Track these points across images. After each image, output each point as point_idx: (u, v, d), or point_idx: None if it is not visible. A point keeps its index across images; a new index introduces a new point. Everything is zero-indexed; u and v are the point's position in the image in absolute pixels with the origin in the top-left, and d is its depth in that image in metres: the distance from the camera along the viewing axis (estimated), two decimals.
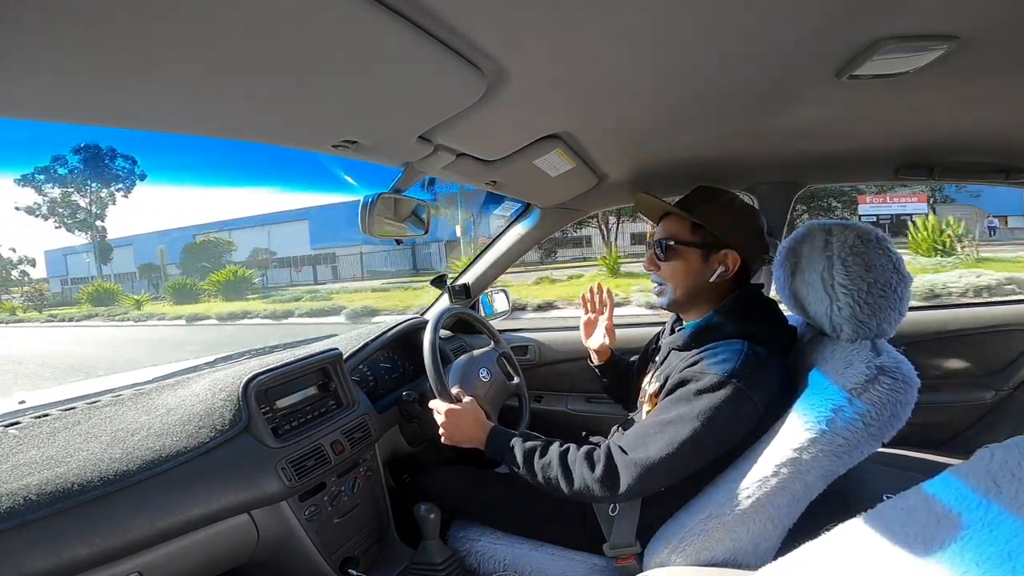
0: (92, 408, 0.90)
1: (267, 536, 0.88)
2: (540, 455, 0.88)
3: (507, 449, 0.91)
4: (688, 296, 0.93)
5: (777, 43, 0.61)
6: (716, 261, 0.90)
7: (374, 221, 0.94)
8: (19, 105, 0.54)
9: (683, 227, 0.93)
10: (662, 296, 0.97)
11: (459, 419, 0.99)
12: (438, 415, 1.02)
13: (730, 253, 0.90)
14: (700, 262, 0.91)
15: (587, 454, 0.85)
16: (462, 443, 0.99)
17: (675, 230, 0.94)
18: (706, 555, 0.80)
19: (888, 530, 0.49)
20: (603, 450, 0.84)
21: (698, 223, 0.91)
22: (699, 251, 0.91)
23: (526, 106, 0.76)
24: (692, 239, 0.92)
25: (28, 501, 0.64)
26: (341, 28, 0.47)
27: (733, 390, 0.77)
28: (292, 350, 1.22)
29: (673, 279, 0.94)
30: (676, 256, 0.93)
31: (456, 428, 0.99)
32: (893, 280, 0.76)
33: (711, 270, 0.91)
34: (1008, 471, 0.44)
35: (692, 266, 0.92)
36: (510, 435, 0.93)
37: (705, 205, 0.92)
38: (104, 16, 0.40)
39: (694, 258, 0.92)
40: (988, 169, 1.18)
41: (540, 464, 0.87)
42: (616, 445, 0.84)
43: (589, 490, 0.82)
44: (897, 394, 0.71)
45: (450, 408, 1.00)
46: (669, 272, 0.94)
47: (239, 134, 0.71)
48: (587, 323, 1.22)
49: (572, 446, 0.88)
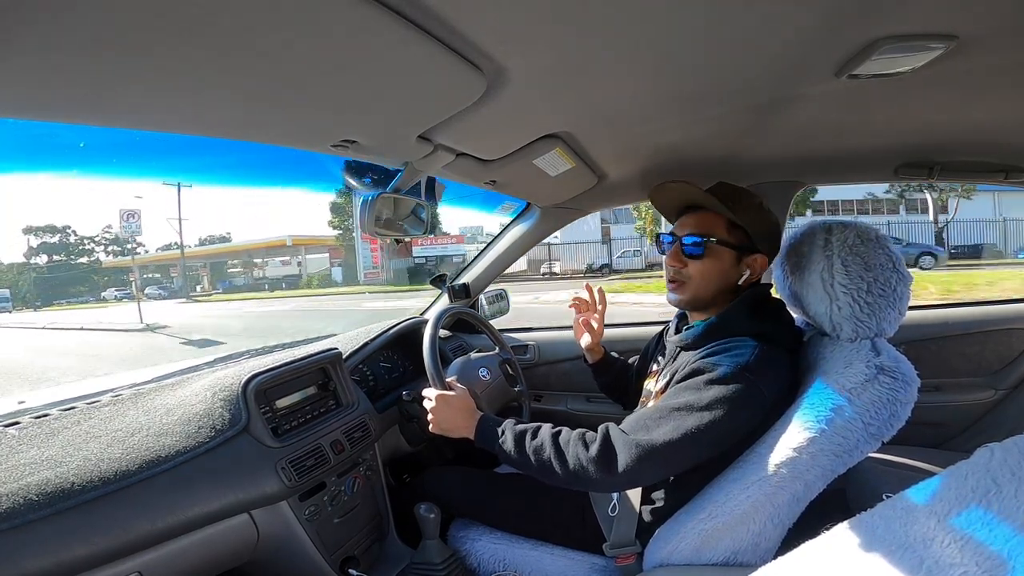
0: (92, 408, 0.90)
1: (267, 536, 0.88)
2: (532, 437, 0.85)
3: (497, 435, 0.88)
4: (710, 297, 0.89)
5: (776, 43, 0.61)
6: (746, 264, 0.88)
7: (374, 221, 0.94)
8: (19, 105, 0.54)
9: (719, 224, 0.88)
10: (681, 293, 0.91)
11: (448, 405, 0.97)
12: (428, 401, 0.99)
13: (759, 257, 0.88)
14: (733, 263, 0.88)
15: (581, 435, 0.83)
16: (450, 431, 0.96)
17: (711, 227, 0.88)
18: (706, 555, 0.80)
19: (888, 530, 0.49)
20: (599, 430, 0.82)
21: (737, 223, 0.86)
22: (734, 252, 0.87)
23: (526, 106, 0.75)
24: (729, 239, 0.87)
25: (28, 501, 0.64)
26: (341, 28, 0.47)
27: (744, 383, 0.76)
28: (291, 350, 1.22)
29: (702, 278, 0.88)
30: (710, 255, 0.87)
31: (444, 415, 0.96)
32: (893, 279, 0.76)
33: (739, 273, 0.88)
34: (1008, 471, 0.44)
35: (724, 267, 0.88)
36: (500, 421, 0.91)
37: (741, 204, 0.87)
38: (104, 16, 0.40)
39: (728, 258, 0.87)
40: (987, 169, 1.18)
41: (532, 446, 0.84)
42: (615, 427, 0.82)
43: (584, 471, 0.79)
44: (897, 393, 0.71)
45: (440, 394, 0.98)
46: (698, 270, 0.88)
47: (239, 134, 0.71)
48: (579, 323, 1.22)
49: (565, 428, 0.86)
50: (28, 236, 27.17)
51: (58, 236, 27.65)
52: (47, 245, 27.61)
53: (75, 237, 28.30)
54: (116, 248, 28.62)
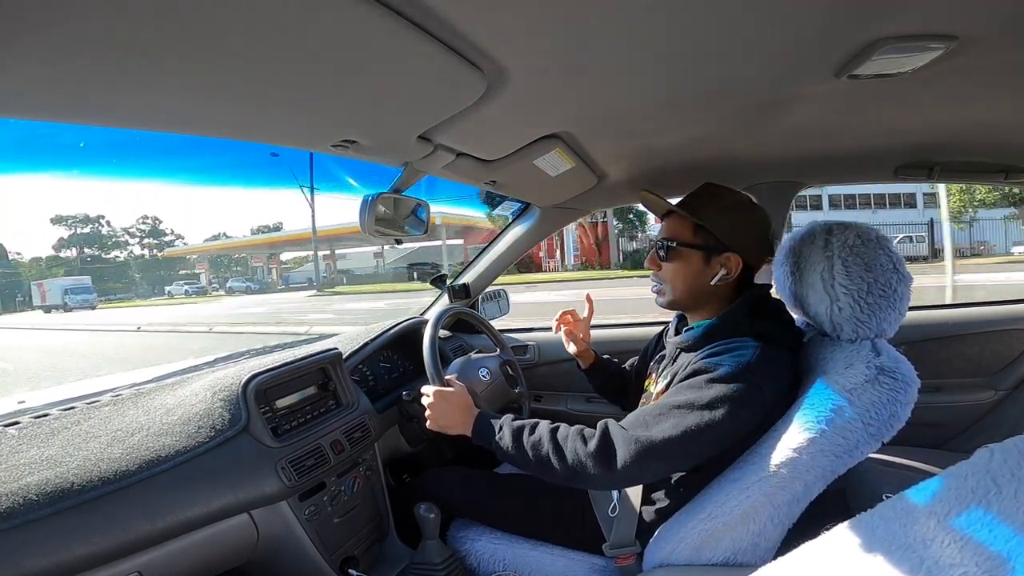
0: (91, 408, 0.90)
1: (267, 536, 0.88)
2: (530, 432, 0.85)
3: (495, 432, 0.88)
4: (688, 298, 0.92)
5: (776, 43, 0.61)
6: (717, 264, 0.89)
7: (373, 221, 0.94)
8: (19, 105, 0.54)
9: (685, 228, 0.91)
10: (661, 296, 0.95)
11: (445, 402, 0.97)
12: (426, 398, 0.99)
13: (732, 256, 0.88)
14: (701, 264, 0.90)
15: (580, 430, 0.83)
16: (447, 428, 0.95)
17: (677, 231, 0.92)
18: (706, 555, 0.80)
19: (888, 530, 0.49)
20: (598, 426, 0.82)
21: (701, 224, 0.89)
22: (700, 253, 0.89)
23: (526, 106, 0.75)
24: (694, 241, 0.90)
25: (28, 501, 0.64)
26: (341, 28, 0.47)
27: (746, 382, 0.76)
28: (292, 350, 1.22)
29: (673, 280, 0.92)
30: (677, 257, 0.91)
31: (441, 412, 0.96)
32: (893, 280, 0.76)
33: (712, 273, 0.89)
34: (1008, 471, 0.43)
35: (693, 268, 0.90)
36: (497, 417, 0.91)
37: (710, 206, 0.90)
38: (105, 17, 0.40)
39: (695, 260, 0.90)
40: (987, 169, 1.18)
41: (530, 442, 0.84)
42: (614, 423, 0.82)
43: (583, 466, 0.79)
44: (897, 394, 0.71)
45: (437, 390, 0.98)
46: (669, 273, 0.92)
47: (239, 134, 0.71)
48: (567, 332, 1.22)
49: (563, 424, 0.86)
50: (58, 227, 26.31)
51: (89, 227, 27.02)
52: (78, 236, 26.95)
53: (107, 228, 27.65)
54: (152, 241, 27.93)
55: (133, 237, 28.75)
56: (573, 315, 1.23)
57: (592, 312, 1.23)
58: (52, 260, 27.14)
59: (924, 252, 15.33)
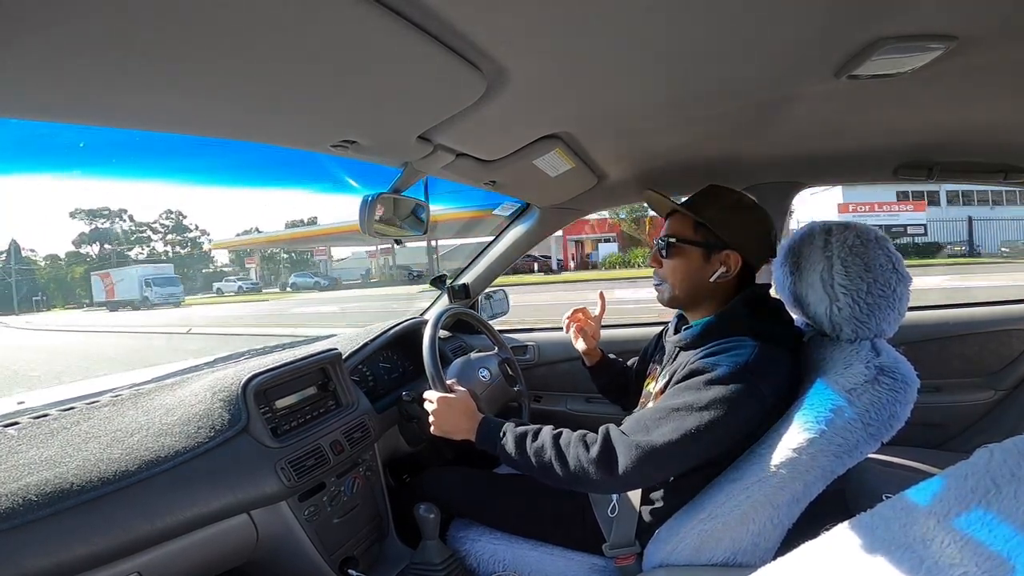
0: (91, 408, 0.89)
1: (266, 536, 0.88)
2: (532, 439, 0.86)
3: (498, 437, 0.89)
4: (687, 295, 0.93)
5: (776, 43, 0.61)
6: (717, 261, 0.89)
7: (373, 221, 0.94)
8: (19, 105, 0.54)
9: (686, 225, 0.92)
10: (660, 292, 0.96)
11: (449, 408, 0.98)
12: (429, 404, 1.00)
13: (731, 254, 0.89)
14: (701, 261, 0.90)
15: (582, 436, 0.84)
16: (451, 434, 0.97)
17: (678, 228, 0.93)
18: (706, 555, 0.80)
19: (888, 530, 0.49)
20: (600, 431, 0.83)
21: (701, 222, 0.90)
22: (700, 251, 0.90)
23: (526, 106, 0.75)
24: (694, 238, 0.91)
25: (27, 501, 0.64)
26: (341, 28, 0.47)
27: (744, 383, 0.76)
28: (292, 350, 1.22)
29: (673, 277, 0.93)
30: (677, 254, 0.92)
31: (445, 418, 0.97)
32: (893, 280, 0.76)
33: (711, 270, 0.90)
34: (1008, 471, 0.43)
35: (692, 265, 0.91)
36: (501, 423, 0.92)
37: (711, 205, 0.91)
38: (104, 16, 0.40)
39: (695, 257, 0.91)
40: (987, 169, 1.18)
41: (533, 448, 0.85)
42: (616, 428, 0.83)
43: (585, 472, 0.80)
44: (896, 394, 0.71)
45: (441, 396, 0.99)
46: (669, 270, 0.93)
47: (239, 134, 0.71)
48: (577, 328, 1.22)
49: (566, 430, 0.87)
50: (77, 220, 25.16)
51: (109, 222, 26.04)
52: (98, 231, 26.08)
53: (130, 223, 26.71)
54: (175, 237, 26.96)
55: (156, 232, 28.23)
56: (585, 313, 1.22)
57: (604, 310, 1.22)
58: (72, 256, 26.49)
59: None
